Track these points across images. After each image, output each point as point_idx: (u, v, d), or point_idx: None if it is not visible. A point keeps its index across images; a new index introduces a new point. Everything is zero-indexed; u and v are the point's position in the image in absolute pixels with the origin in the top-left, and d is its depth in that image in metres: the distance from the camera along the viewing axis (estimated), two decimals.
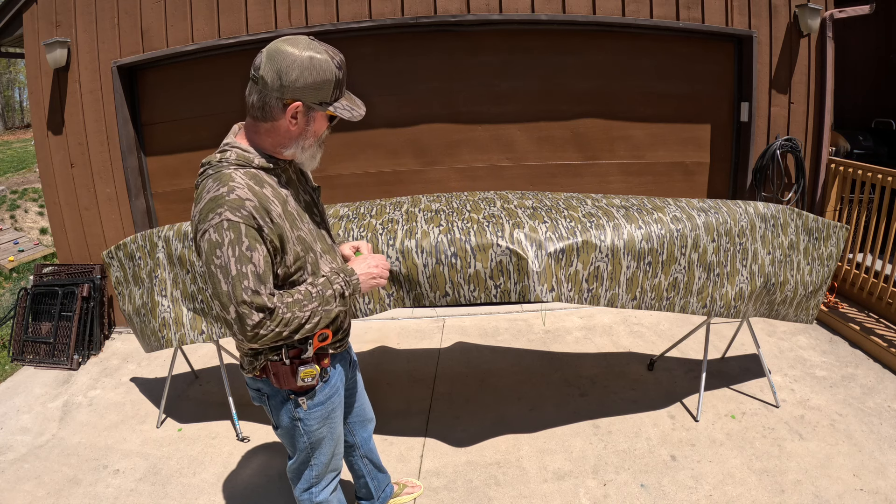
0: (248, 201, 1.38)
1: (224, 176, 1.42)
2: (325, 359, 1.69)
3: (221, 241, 1.35)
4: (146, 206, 4.67)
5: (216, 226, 1.35)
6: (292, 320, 1.44)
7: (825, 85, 4.32)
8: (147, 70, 4.48)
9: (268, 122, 1.46)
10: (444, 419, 3.21)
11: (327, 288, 1.53)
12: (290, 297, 1.46)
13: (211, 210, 1.37)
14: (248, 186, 1.41)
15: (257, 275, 1.38)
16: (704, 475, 2.65)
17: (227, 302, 1.37)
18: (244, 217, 1.37)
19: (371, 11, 4.16)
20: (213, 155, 1.50)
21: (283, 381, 1.63)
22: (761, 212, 2.85)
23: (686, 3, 4.20)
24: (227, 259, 1.35)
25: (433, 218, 2.70)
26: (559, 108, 4.48)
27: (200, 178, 1.49)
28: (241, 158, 1.47)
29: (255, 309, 1.37)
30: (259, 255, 1.39)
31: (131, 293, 3.17)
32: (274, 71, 1.40)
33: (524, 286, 2.49)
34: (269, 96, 1.42)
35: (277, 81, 1.40)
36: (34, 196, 9.66)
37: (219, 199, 1.37)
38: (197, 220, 1.40)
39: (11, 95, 24.56)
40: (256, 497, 2.70)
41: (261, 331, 1.39)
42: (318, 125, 1.52)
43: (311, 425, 1.72)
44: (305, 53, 1.39)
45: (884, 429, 2.90)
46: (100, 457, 3.07)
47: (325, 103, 1.46)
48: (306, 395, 1.68)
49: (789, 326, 4.05)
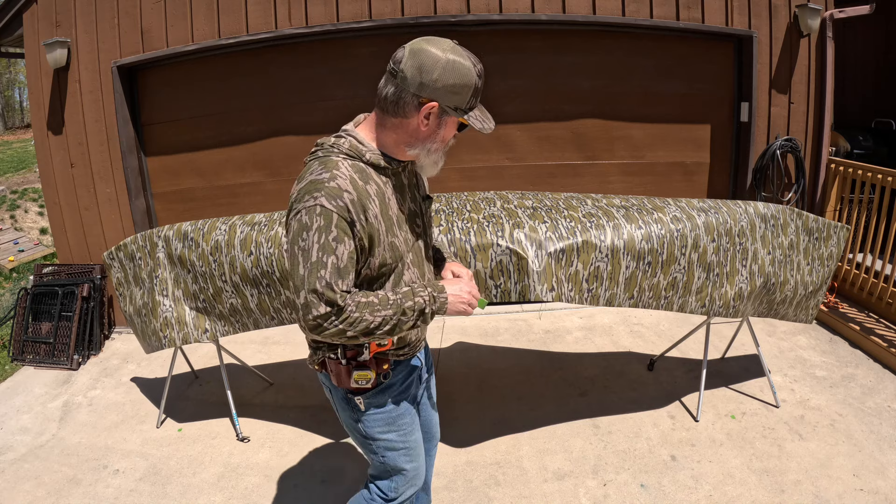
0: (347, 193, 1.35)
1: (331, 162, 1.40)
2: (385, 364, 1.63)
3: (310, 225, 1.33)
4: (146, 206, 4.67)
5: (309, 209, 1.33)
6: (359, 321, 1.38)
7: (825, 85, 4.32)
8: (147, 70, 4.48)
9: (398, 117, 1.42)
10: (444, 419, 3.19)
11: (408, 299, 1.44)
12: (364, 297, 1.40)
13: (308, 192, 1.35)
14: (351, 179, 1.38)
15: (337, 268, 1.34)
16: (704, 475, 2.65)
17: (301, 285, 1.34)
18: (338, 207, 1.34)
19: (371, 11, 4.16)
20: (327, 138, 1.47)
21: (339, 379, 1.60)
22: (761, 212, 2.85)
23: (686, 3, 4.20)
24: (311, 244, 1.33)
25: (433, 218, 2.70)
26: (559, 108, 4.48)
27: (310, 158, 1.46)
28: (353, 149, 1.44)
29: (325, 302, 1.33)
30: (345, 248, 1.35)
31: (132, 294, 3.18)
32: (416, 67, 1.36)
33: (524, 286, 2.49)
34: (406, 92, 1.39)
35: (418, 78, 1.37)
36: (34, 196, 9.66)
37: (319, 183, 1.35)
38: (294, 198, 1.38)
39: (11, 95, 24.57)
40: (256, 497, 2.70)
41: (324, 323, 1.35)
42: (448, 131, 1.48)
43: (372, 428, 1.67)
44: (449, 56, 1.37)
45: (884, 429, 2.90)
46: (100, 457, 3.07)
47: (459, 109, 1.43)
48: (363, 395, 1.64)
49: (789, 326, 4.05)
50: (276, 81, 4.44)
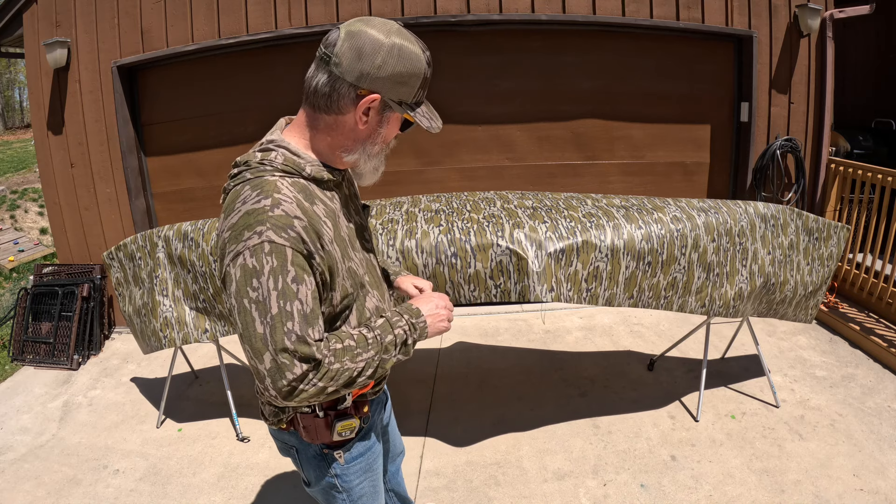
0: (298, 220, 1.09)
1: (266, 184, 1.12)
2: (365, 406, 1.41)
3: (260, 269, 1.05)
4: (146, 206, 4.67)
5: (254, 248, 1.06)
6: (341, 373, 1.13)
7: (825, 85, 4.32)
8: (147, 70, 4.48)
9: (332, 114, 1.17)
10: (444, 419, 3.21)
11: (387, 333, 1.22)
12: (339, 342, 1.15)
13: (248, 227, 1.07)
14: (297, 201, 1.11)
15: (304, 315, 1.08)
16: (704, 475, 2.65)
17: (262, 348, 1.07)
18: (291, 239, 1.07)
19: (371, 11, 4.16)
20: (251, 153, 1.19)
21: (315, 434, 1.34)
22: (761, 212, 2.85)
23: (686, 3, 4.20)
24: (266, 292, 1.06)
25: (433, 218, 2.71)
26: (559, 108, 4.48)
27: (233, 183, 1.17)
28: (289, 163, 1.17)
29: (300, 359, 1.07)
30: (307, 288, 1.09)
31: (132, 294, 3.18)
32: (354, 51, 1.11)
33: (524, 286, 2.49)
34: (342, 82, 1.13)
35: (356, 65, 1.12)
36: (34, 196, 9.67)
37: (259, 213, 1.07)
38: (228, 237, 1.09)
39: (11, 95, 24.58)
40: (256, 497, 2.70)
41: (301, 385, 1.08)
42: (390, 130, 1.23)
43: (350, 481, 1.42)
44: (395, 40, 1.13)
45: (884, 429, 2.90)
46: (100, 457, 3.07)
47: (405, 104, 1.18)
48: (342, 447, 1.39)
49: (789, 326, 4.05)
50: (276, 81, 4.44)
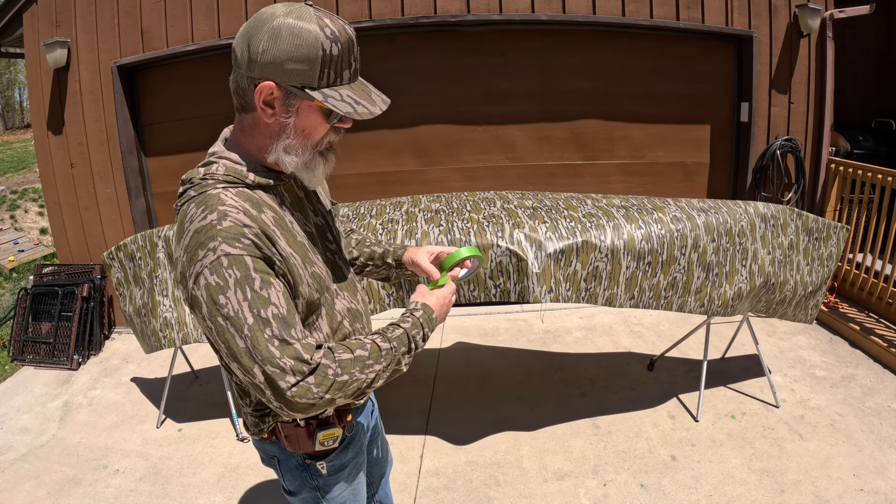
0: (247, 228, 1.04)
1: (210, 198, 1.06)
2: (348, 415, 1.36)
3: (225, 284, 1.00)
4: (146, 206, 4.67)
5: (212, 265, 1.00)
6: (349, 384, 1.07)
7: (825, 85, 4.32)
8: (147, 70, 4.49)
9: (248, 112, 1.12)
10: (444, 419, 3.21)
11: (402, 344, 1.17)
12: (348, 353, 1.09)
13: (200, 245, 1.01)
14: (243, 210, 1.06)
15: (281, 318, 1.03)
16: (704, 475, 2.65)
17: (250, 363, 1.01)
18: (247, 247, 1.02)
19: (371, 11, 4.17)
20: (195, 170, 1.14)
21: (297, 444, 1.30)
22: (761, 212, 2.85)
23: (686, 3, 4.20)
24: (237, 306, 1.00)
25: (433, 218, 2.71)
26: (559, 108, 4.48)
27: (180, 203, 1.11)
28: (230, 173, 1.11)
29: (290, 364, 1.03)
30: (277, 291, 1.04)
31: (132, 294, 3.18)
32: (244, 39, 1.06)
33: (524, 287, 2.49)
34: (240, 74, 1.09)
35: (246, 53, 1.05)
36: (34, 196, 9.67)
37: (207, 229, 1.02)
38: (184, 260, 1.04)
39: (11, 95, 24.58)
40: (256, 497, 2.70)
41: (300, 389, 1.02)
42: (306, 119, 1.10)
43: (333, 493, 1.38)
44: (283, 20, 1.03)
45: (884, 429, 2.90)
46: (100, 457, 3.07)
47: (309, 88, 1.06)
48: (325, 457, 1.34)
49: (789, 326, 4.05)
50: None
